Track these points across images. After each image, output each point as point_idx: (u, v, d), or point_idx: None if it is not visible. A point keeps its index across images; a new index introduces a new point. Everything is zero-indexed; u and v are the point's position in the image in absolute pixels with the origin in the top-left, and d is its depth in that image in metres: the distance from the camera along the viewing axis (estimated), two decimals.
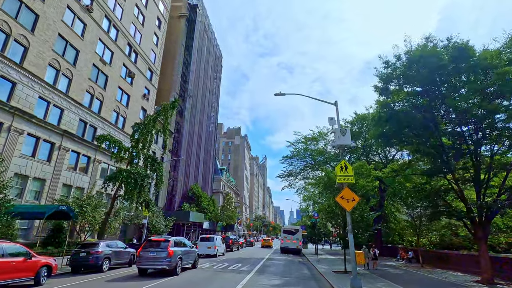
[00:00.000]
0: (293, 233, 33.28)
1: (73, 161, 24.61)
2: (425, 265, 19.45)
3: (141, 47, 36.13)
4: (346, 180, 11.43)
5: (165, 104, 19.12)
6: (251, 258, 24.12)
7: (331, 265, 19.93)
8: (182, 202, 42.17)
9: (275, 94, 13.47)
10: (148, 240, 13.38)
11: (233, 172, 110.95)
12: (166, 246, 12.63)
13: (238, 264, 18.69)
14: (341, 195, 11.26)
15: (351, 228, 10.98)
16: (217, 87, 68.77)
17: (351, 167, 11.67)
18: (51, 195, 21.77)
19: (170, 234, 34.82)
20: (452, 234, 21.02)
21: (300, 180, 33.97)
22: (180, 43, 49.13)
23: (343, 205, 11.16)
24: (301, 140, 30.92)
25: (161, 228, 27.63)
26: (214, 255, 23.29)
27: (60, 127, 22.80)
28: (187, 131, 47.33)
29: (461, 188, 14.07)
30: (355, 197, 11.12)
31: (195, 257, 15.78)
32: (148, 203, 18.01)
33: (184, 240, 15.14)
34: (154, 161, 18.08)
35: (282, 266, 19.16)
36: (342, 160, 11.75)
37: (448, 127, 14.27)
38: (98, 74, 28.14)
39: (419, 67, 12.95)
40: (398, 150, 23.33)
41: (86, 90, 26.31)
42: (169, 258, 12.36)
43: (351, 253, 10.57)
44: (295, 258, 27.32)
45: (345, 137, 11.63)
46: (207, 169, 57.92)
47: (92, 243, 14.58)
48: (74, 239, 23.29)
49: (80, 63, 25.36)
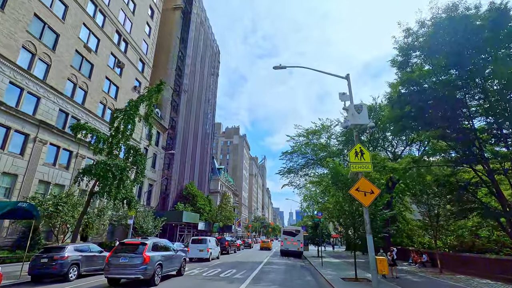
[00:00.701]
0: (294, 235, 30.96)
1: (52, 155, 22.33)
2: (444, 271, 17.20)
3: (131, 36, 33.91)
4: (362, 168, 9.21)
5: (150, 88, 16.88)
6: (248, 262, 21.84)
7: (338, 270, 17.68)
8: (176, 202, 39.86)
9: (274, 67, 11.28)
10: (120, 243, 11.10)
11: (231, 172, 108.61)
12: (141, 250, 10.35)
13: (232, 270, 16.40)
14: (357, 186, 9.04)
15: (370, 227, 8.75)
16: (214, 84, 66.57)
17: (368, 152, 9.45)
18: (25, 192, 19.47)
19: (161, 235, 32.49)
20: (472, 235, 18.81)
21: (301, 177, 31.70)
22: (175, 36, 46.95)
23: (360, 199, 8.93)
24: (302, 134, 28.61)
25: (149, 229, 25.30)
26: (206, 259, 20.97)
27: (36, 117, 20.53)
28: (182, 127, 45.06)
29: (497, 181, 11.84)
30: (375, 189, 8.90)
31: (181, 262, 13.51)
32: (130, 200, 15.71)
33: (167, 242, 12.85)
34: (136, 152, 15.81)
35: (283, 272, 16.88)
36: (357, 144, 9.54)
37: (480, 106, 12.00)
38: (82, 61, 25.89)
39: (446, 34, 10.73)
40: (413, 140, 20.82)
41: (68, 78, 24.05)
42: (144, 266, 10.07)
43: (371, 259, 8.33)
44: (297, 261, 25.04)
45: (361, 115, 9.41)
46: (204, 168, 55.61)
47: (57, 247, 12.31)
48: (53, 241, 21.06)
49: (60, 48, 23.11)
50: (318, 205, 40.91)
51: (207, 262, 20.67)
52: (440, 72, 11.48)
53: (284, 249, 30.75)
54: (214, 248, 22.59)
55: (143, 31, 37.00)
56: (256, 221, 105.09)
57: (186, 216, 32.60)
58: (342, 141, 29.47)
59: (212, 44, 65.43)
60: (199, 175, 52.46)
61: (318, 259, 25.37)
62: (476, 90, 11.41)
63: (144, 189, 35.77)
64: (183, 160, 45.19)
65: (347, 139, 28.58)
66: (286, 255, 30.61)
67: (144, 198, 35.97)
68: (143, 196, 35.47)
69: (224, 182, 75.92)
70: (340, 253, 37.34)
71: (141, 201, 34.85)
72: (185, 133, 46.55)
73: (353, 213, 13.95)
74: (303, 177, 32.61)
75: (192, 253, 20.98)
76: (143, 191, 35.42)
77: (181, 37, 48.54)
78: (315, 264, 21.54)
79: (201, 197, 45.18)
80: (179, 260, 13.29)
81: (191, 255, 21.00)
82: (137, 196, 34.14)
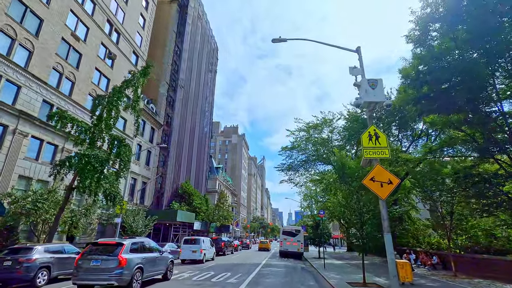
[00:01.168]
0: (294, 235, 29.42)
1: (35, 149, 20.77)
2: (458, 274, 15.71)
3: (124, 27, 32.40)
4: (378, 154, 7.74)
5: (134, 73, 15.39)
6: (244, 264, 20.32)
7: (342, 274, 16.18)
8: (172, 201, 38.32)
9: (273, 40, 9.82)
10: (93, 243, 9.57)
11: (230, 172, 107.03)
12: (117, 252, 8.83)
13: (226, 273, 14.88)
14: (371, 175, 7.56)
15: (388, 225, 7.26)
16: (212, 80, 65.08)
17: (385, 136, 7.97)
18: (2, 188, 17.91)
19: (155, 235, 30.96)
20: (487, 235, 17.35)
21: (301, 175, 30.20)
22: (171, 29, 45.46)
23: (375, 190, 7.45)
24: (303, 128, 27.10)
25: (139, 228, 23.72)
26: (200, 260, 19.43)
27: (16, 107, 18.99)
28: (178, 123, 43.57)
29: None
30: (393, 178, 7.42)
31: (168, 265, 11.99)
32: (114, 196, 14.17)
33: (150, 242, 11.33)
34: (121, 143, 14.28)
35: (282, 276, 15.37)
36: (371, 126, 8.06)
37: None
38: (69, 50, 24.36)
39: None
40: (420, 135, 19.44)
41: (53, 67, 22.51)
42: (119, 269, 8.55)
43: (391, 263, 6.83)
44: (297, 263, 23.53)
45: (376, 90, 7.94)
46: (201, 166, 54.08)
47: (24, 248, 10.79)
48: (34, 241, 19.51)
49: (44, 34, 21.58)
50: (318, 204, 39.49)
51: (200, 264, 19.14)
52: (465, 46, 10.01)
53: (284, 250, 29.22)
54: (208, 249, 21.06)
55: (136, 22, 35.50)
56: (255, 222, 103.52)
57: (180, 215, 31.06)
58: (345, 136, 27.99)
59: (210, 40, 63.96)
60: (196, 174, 50.93)
61: (320, 261, 23.89)
62: (507, 67, 9.95)
63: (137, 187, 34.24)
64: (179, 158, 43.67)
65: (349, 134, 27.13)
66: (285, 256, 29.10)
67: (138, 196, 34.42)
68: (136, 194, 33.93)
69: (222, 182, 74.37)
70: (342, 254, 35.84)
71: (134, 199, 33.32)
72: (181, 130, 45.04)
73: (361, 209, 12.47)
74: (303, 175, 31.11)
75: (184, 255, 19.45)
76: (136, 189, 33.89)
77: (177, 31, 47.07)
78: (317, 266, 20.05)
79: (198, 196, 43.65)
80: (165, 263, 11.78)
81: (183, 256, 19.49)
82: (129, 194, 32.61)
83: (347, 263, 23.70)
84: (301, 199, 48.64)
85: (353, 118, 25.39)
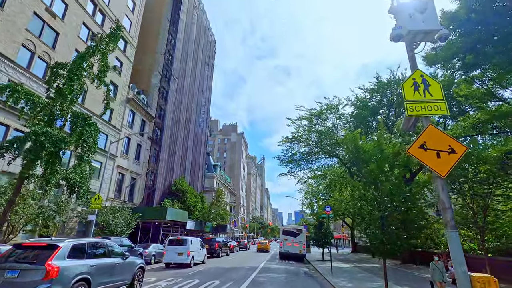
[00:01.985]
0: (295, 235, 26.70)
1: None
2: None
3: (110, 8, 29.78)
4: (429, 110, 5.08)
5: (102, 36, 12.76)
6: (239, 268, 17.63)
7: (354, 281, 13.52)
8: (164, 198, 35.62)
9: None
10: (16, 245, 6.87)
11: (229, 171, 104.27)
12: (45, 258, 6.16)
13: (214, 282, 12.18)
14: (421, 141, 4.88)
15: (453, 217, 4.57)
16: (209, 74, 62.40)
17: (438, 84, 5.29)
18: None
19: (143, 236, 28.26)
20: None
21: (304, 169, 27.51)
22: (165, 17, 42.84)
23: (428, 163, 4.76)
24: (305, 117, 24.34)
25: (119, 227, 20.97)
26: (187, 264, 16.71)
27: None
28: (171, 116, 40.89)
29: None
30: (457, 145, 4.75)
31: (134, 272, 9.30)
32: (73, 185, 11.48)
33: (109, 243, 8.61)
34: (84, 121, 11.61)
35: (282, 284, 12.69)
36: (416, 71, 5.40)
37: None
38: (43, 27, 21.72)
39: None
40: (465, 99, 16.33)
41: (23, 44, 19.90)
42: (46, 284, 5.89)
43: (462, 279, 4.15)
44: (299, 267, 20.85)
45: (425, 16, 5.28)
46: (197, 163, 51.38)
47: None
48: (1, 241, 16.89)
49: (10, 6, 18.95)
50: (320, 203, 36.81)
51: (187, 268, 16.42)
52: None
53: (284, 252, 26.48)
54: (197, 251, 18.36)
55: (125, 5, 32.91)
56: (254, 221, 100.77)
57: (171, 213, 28.36)
58: (351, 127, 25.24)
59: (207, 32, 61.35)
60: (192, 171, 48.25)
61: (324, 264, 21.24)
62: None
63: (125, 183, 31.58)
64: (172, 153, 40.99)
65: (356, 124, 24.44)
66: (286, 258, 26.38)
67: (126, 193, 31.76)
68: (124, 191, 31.26)
69: (220, 180, 71.68)
70: (347, 256, 33.15)
71: (121, 196, 30.66)
72: (175, 123, 42.37)
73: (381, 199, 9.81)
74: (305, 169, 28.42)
75: (168, 257, 16.74)
76: (124, 185, 31.23)
77: (171, 20, 44.45)
78: (322, 270, 17.36)
79: (192, 193, 40.97)
80: (131, 270, 9.09)
81: (167, 259, 16.80)
82: (116, 190, 29.97)
83: (355, 266, 21.03)
84: (302, 197, 46.07)
85: (362, 104, 22.75)
